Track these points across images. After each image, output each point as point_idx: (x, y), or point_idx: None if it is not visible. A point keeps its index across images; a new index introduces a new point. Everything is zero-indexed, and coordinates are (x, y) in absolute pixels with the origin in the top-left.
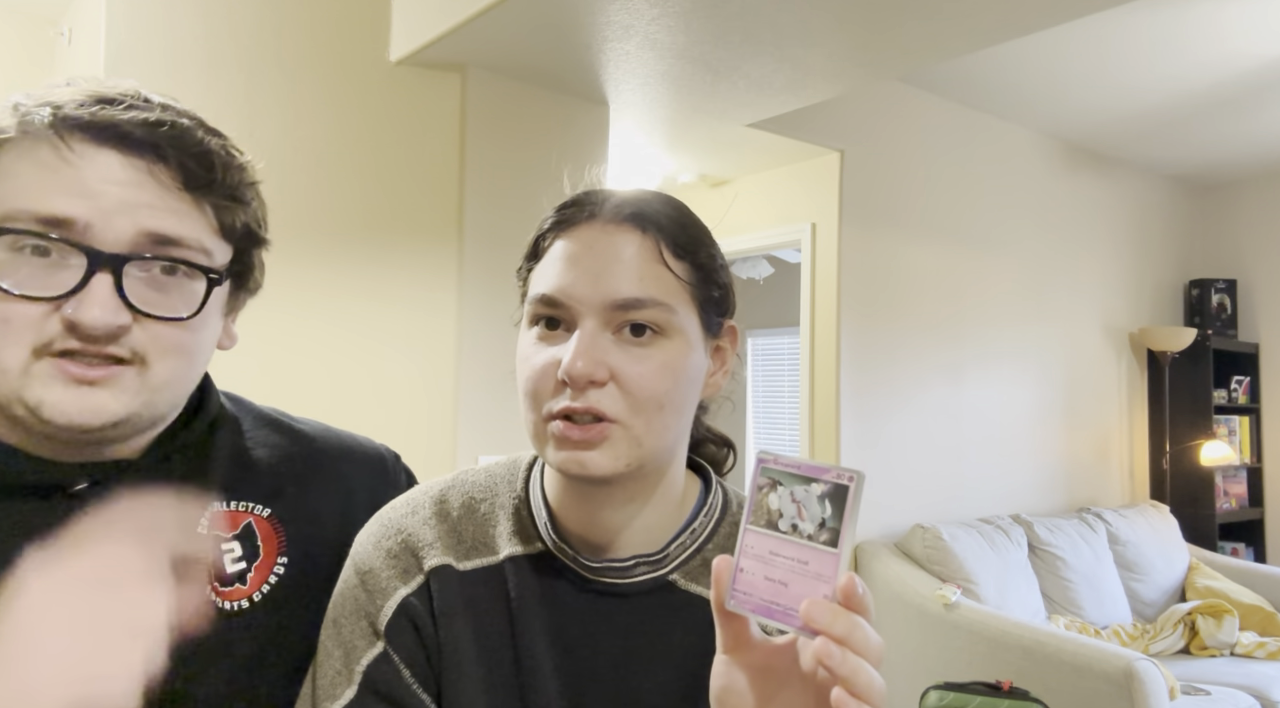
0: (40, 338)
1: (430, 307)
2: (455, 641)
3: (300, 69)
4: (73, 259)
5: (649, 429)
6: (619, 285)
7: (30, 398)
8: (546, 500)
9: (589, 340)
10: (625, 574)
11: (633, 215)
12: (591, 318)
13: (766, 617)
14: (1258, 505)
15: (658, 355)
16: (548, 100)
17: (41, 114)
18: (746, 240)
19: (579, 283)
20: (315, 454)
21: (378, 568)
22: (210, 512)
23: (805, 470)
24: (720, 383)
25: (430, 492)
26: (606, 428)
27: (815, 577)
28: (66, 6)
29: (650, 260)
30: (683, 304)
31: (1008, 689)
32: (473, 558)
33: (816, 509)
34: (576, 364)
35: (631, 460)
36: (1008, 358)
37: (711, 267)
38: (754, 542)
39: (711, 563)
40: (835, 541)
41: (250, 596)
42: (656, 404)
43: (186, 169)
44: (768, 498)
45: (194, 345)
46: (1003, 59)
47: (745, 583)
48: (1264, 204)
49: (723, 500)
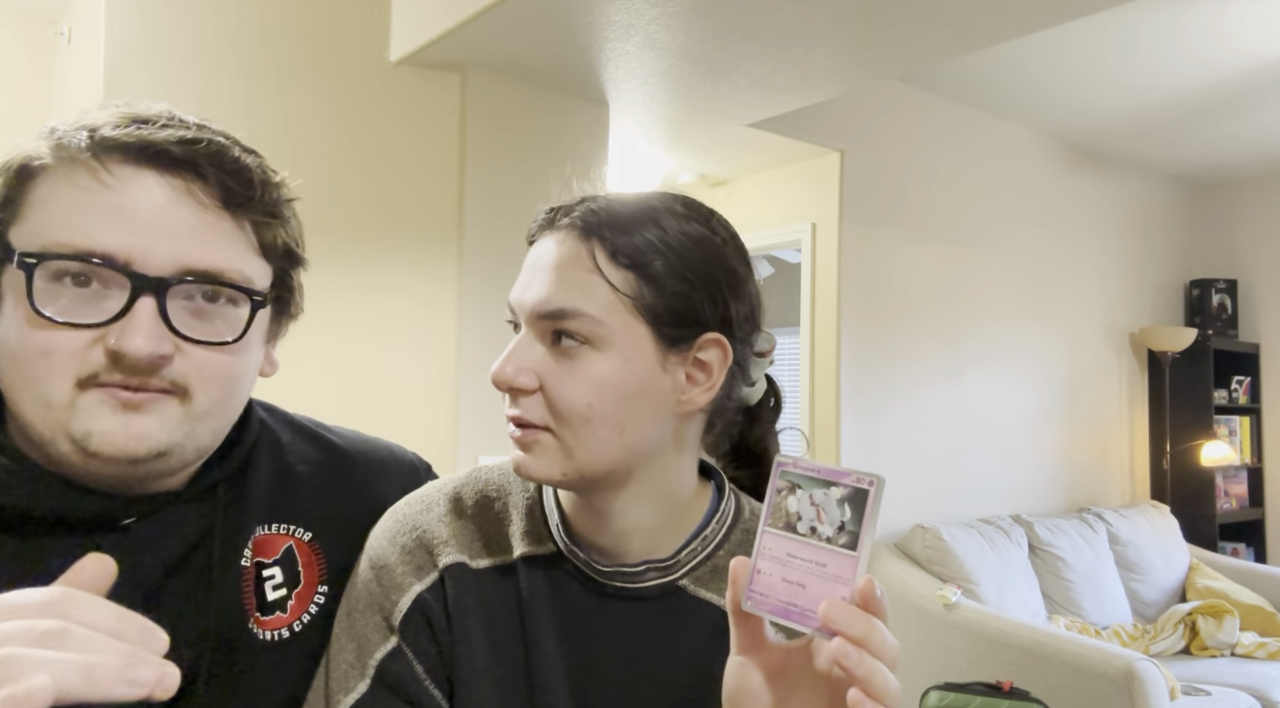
0: (84, 370)
1: (430, 306)
2: (467, 638)
3: (300, 69)
4: (115, 286)
5: (578, 442)
6: (539, 294)
7: (77, 430)
8: (559, 503)
9: (518, 348)
10: (635, 579)
11: (582, 222)
12: (526, 326)
13: (783, 618)
14: (1258, 506)
15: (583, 368)
16: (548, 100)
17: (79, 138)
18: (746, 240)
19: (519, 290)
20: (351, 469)
21: (392, 563)
22: (253, 539)
23: (825, 474)
24: (701, 401)
25: (445, 489)
26: (537, 434)
27: (834, 579)
28: (66, 6)
29: (581, 270)
30: (617, 315)
31: (1008, 690)
32: (486, 556)
33: (836, 513)
34: (502, 370)
35: (567, 470)
36: (1008, 358)
37: (677, 278)
38: (772, 544)
39: (722, 569)
40: (854, 544)
41: (290, 624)
42: (580, 417)
43: (225, 187)
44: (786, 501)
45: (237, 373)
46: (1003, 59)
47: (763, 584)
48: (1264, 204)
49: (735, 508)
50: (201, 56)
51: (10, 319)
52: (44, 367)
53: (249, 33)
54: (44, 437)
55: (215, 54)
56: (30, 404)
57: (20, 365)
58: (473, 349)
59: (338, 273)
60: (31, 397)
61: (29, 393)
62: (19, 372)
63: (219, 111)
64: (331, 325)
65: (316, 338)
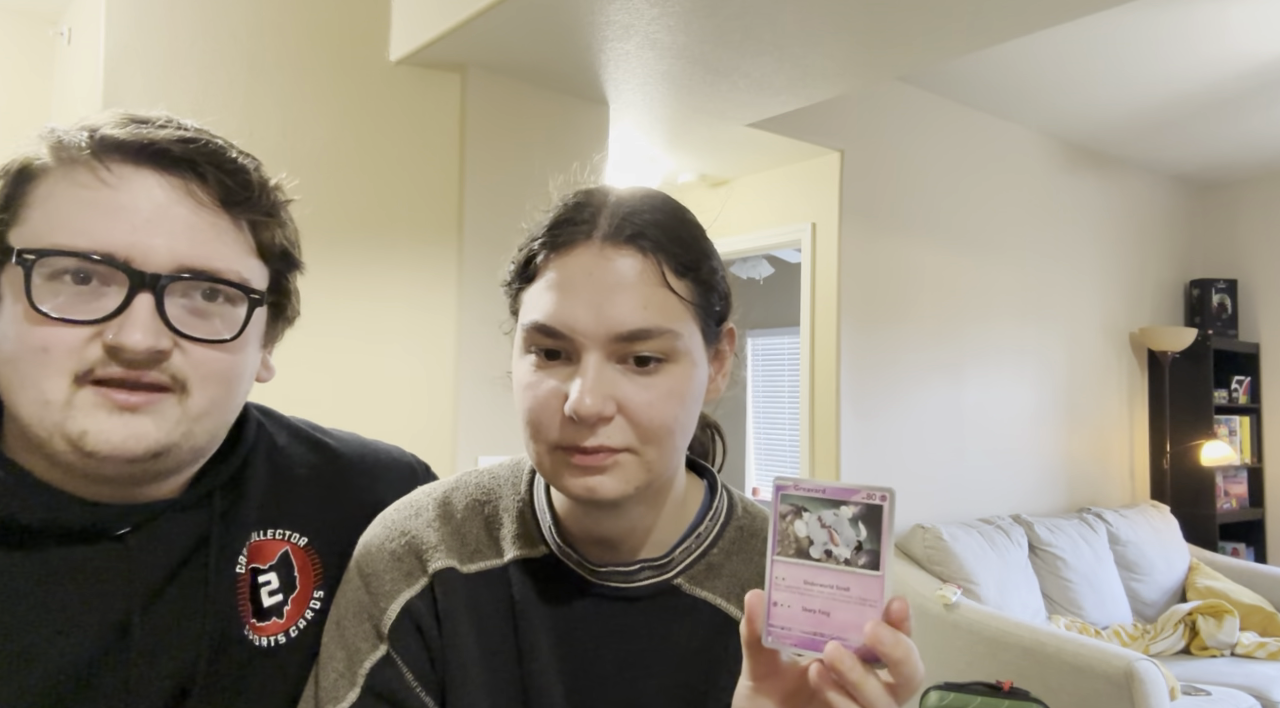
0: (81, 365)
1: (430, 306)
2: (459, 643)
3: (300, 69)
4: (113, 283)
5: (660, 456)
6: (623, 317)
7: (73, 429)
8: (551, 505)
9: (595, 375)
10: (630, 578)
11: (632, 236)
12: (595, 351)
13: (810, 649)
14: (1258, 506)
15: (664, 383)
16: (548, 100)
17: (79, 137)
18: (746, 240)
19: (580, 315)
20: (347, 473)
21: (381, 570)
22: (248, 545)
23: (832, 493)
24: (721, 387)
25: (434, 494)
26: (617, 456)
27: (859, 602)
28: (66, 6)
29: (653, 285)
30: (686, 325)
31: (1008, 690)
32: (476, 561)
33: (850, 532)
34: (584, 402)
35: (640, 484)
36: (1008, 358)
37: (713, 280)
38: (785, 573)
39: (717, 567)
40: (876, 563)
41: (286, 630)
42: (667, 431)
43: (224, 186)
44: (794, 526)
45: (234, 372)
46: (1003, 59)
47: (782, 617)
48: (1264, 204)
49: (728, 505)
50: (201, 57)
51: (8, 317)
52: (41, 363)
53: (248, 33)
54: (40, 437)
55: (215, 54)
56: (27, 403)
57: (18, 363)
58: (472, 349)
59: (337, 273)
60: (29, 395)
61: (26, 391)
62: (16, 369)
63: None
64: (331, 326)
65: (316, 339)
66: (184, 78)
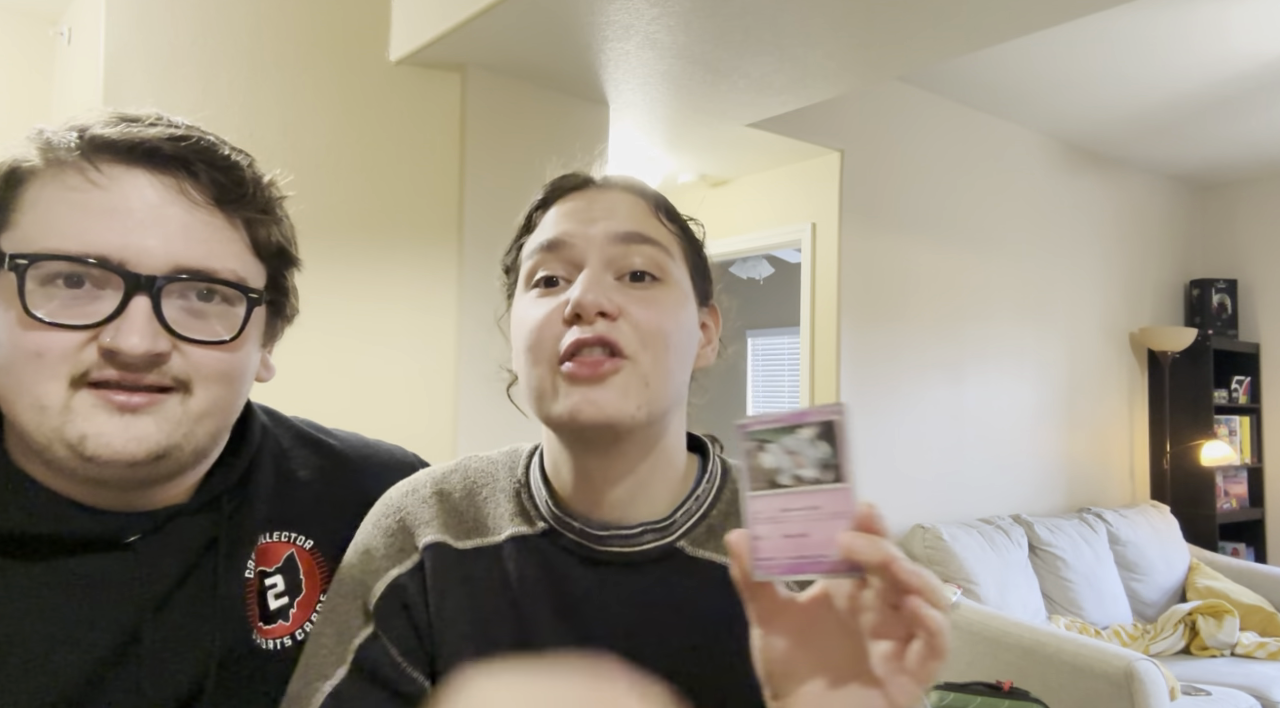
0: (76, 368)
1: (430, 307)
2: (449, 618)
3: (300, 69)
4: (108, 286)
5: (656, 367)
6: (620, 222)
7: (72, 434)
8: (547, 480)
9: (594, 275)
10: (632, 542)
11: (623, 182)
12: (595, 257)
13: (797, 573)
14: (1258, 506)
15: (660, 298)
16: (548, 100)
17: (68, 139)
18: (746, 240)
19: (581, 225)
20: (351, 474)
21: (374, 547)
22: (255, 548)
23: (787, 420)
24: (710, 357)
25: (432, 473)
26: (618, 362)
27: (833, 516)
28: (66, 6)
29: (645, 213)
30: (677, 255)
31: (1008, 690)
32: (472, 538)
33: (812, 452)
34: (587, 295)
35: (641, 402)
36: (1008, 358)
37: (697, 241)
38: (760, 507)
39: (717, 528)
40: (840, 475)
41: (293, 633)
42: (663, 342)
43: (217, 184)
44: (760, 460)
45: (236, 372)
46: (1003, 59)
47: (766, 549)
48: (1264, 204)
49: (722, 468)
50: (201, 56)
51: (2, 324)
52: (36, 368)
53: (249, 33)
54: (40, 443)
55: (215, 54)
56: (25, 410)
57: (14, 370)
58: (473, 349)
59: (338, 273)
60: (26, 402)
61: (23, 398)
62: (13, 376)
63: (218, 112)
64: (331, 325)
65: (316, 338)
66: (184, 78)
